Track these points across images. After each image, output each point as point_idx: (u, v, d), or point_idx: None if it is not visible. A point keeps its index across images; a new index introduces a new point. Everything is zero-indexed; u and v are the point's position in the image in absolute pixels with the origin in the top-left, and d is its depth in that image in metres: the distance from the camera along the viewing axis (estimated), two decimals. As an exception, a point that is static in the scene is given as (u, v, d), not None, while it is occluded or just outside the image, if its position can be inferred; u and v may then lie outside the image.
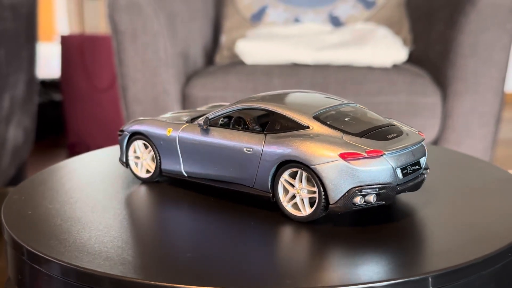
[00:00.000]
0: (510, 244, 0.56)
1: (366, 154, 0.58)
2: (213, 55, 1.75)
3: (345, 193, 0.58)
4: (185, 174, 0.69)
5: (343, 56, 1.50)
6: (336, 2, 1.77)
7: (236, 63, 1.56)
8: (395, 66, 1.52)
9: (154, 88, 1.43)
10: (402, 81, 1.44)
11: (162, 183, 0.73)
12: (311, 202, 0.60)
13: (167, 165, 0.70)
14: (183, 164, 0.69)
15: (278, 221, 0.62)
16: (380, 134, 0.62)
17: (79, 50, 2.12)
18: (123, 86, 1.44)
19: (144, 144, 0.73)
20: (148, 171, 0.73)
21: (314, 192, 0.59)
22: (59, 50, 2.17)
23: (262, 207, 0.65)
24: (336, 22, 1.75)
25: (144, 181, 0.73)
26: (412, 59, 1.63)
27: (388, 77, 1.45)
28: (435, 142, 1.48)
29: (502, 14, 1.39)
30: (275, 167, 0.61)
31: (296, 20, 1.76)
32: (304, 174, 0.60)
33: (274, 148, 0.61)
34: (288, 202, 0.62)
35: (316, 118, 0.62)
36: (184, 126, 0.69)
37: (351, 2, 1.76)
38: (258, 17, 1.76)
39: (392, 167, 0.59)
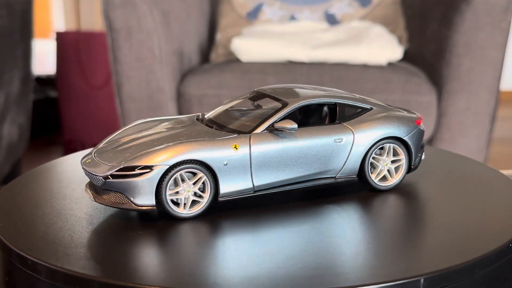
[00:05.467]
0: (501, 247, 0.55)
1: (421, 118, 0.71)
2: (208, 53, 1.74)
3: (418, 154, 0.71)
4: (253, 189, 0.64)
5: (339, 54, 1.50)
6: (332, 0, 1.76)
7: (232, 60, 1.55)
8: (391, 65, 1.52)
9: (149, 85, 1.42)
10: (397, 79, 1.44)
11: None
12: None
13: (228, 187, 0.63)
14: (253, 179, 0.63)
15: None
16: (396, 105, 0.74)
17: (75, 47, 2.11)
18: (117, 83, 1.43)
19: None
20: (193, 203, 0.62)
21: (400, 160, 0.69)
22: (55, 47, 2.17)
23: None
24: (331, 20, 1.75)
25: (186, 219, 0.62)
26: (407, 57, 1.63)
27: (383, 75, 1.44)
28: (430, 140, 1.47)
29: (496, 12, 1.39)
30: (368, 148, 0.67)
31: (292, 18, 1.75)
32: (392, 146, 0.68)
33: (364, 132, 0.67)
34: (376, 177, 0.69)
35: (364, 100, 0.70)
36: (251, 136, 0.63)
37: (346, 0, 1.76)
38: (253, 14, 1.76)
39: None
